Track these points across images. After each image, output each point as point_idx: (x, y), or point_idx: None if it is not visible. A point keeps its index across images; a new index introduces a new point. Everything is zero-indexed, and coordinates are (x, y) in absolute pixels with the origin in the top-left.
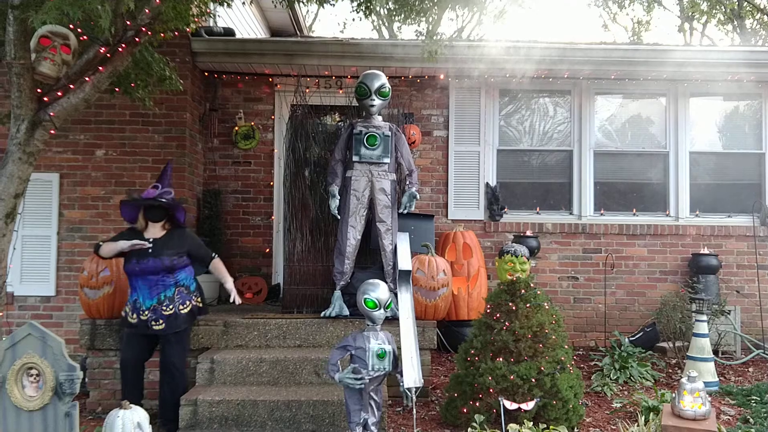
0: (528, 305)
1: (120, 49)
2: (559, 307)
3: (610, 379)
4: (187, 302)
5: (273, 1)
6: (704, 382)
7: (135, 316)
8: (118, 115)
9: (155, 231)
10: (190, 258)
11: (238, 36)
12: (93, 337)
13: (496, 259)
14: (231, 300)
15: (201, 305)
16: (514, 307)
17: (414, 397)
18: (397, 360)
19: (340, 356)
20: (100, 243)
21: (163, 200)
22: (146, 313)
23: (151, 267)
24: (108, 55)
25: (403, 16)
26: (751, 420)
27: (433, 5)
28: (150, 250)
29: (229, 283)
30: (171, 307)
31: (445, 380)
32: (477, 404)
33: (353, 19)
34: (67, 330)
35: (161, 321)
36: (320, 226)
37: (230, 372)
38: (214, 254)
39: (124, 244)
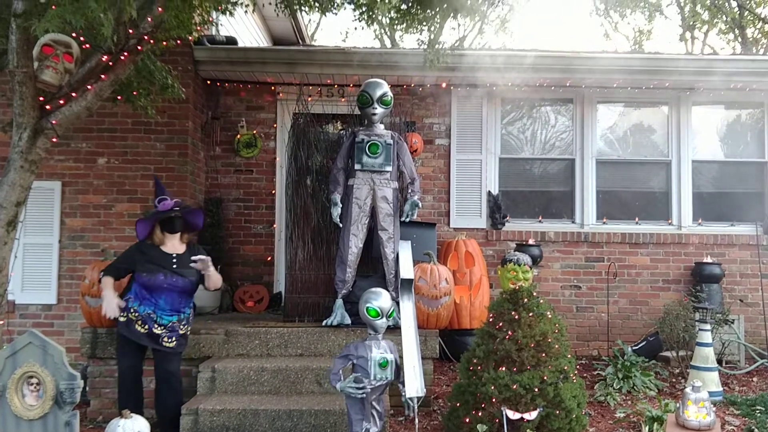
0: (531, 314)
1: (122, 58)
2: (561, 316)
3: (614, 388)
4: (192, 319)
5: (275, 10)
6: (708, 392)
7: (146, 327)
8: (120, 123)
9: (175, 245)
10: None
11: (241, 45)
12: (94, 346)
13: (498, 267)
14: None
15: None
16: (516, 316)
17: (416, 407)
18: (399, 369)
19: (342, 365)
20: (104, 274)
21: (181, 209)
22: (160, 328)
23: (180, 286)
24: (110, 63)
25: (405, 25)
26: (756, 430)
27: (435, 14)
28: (175, 266)
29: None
30: (185, 326)
31: (448, 390)
32: (479, 414)
33: (355, 28)
34: (68, 338)
35: (174, 338)
36: (322, 235)
37: (231, 381)
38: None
39: (111, 312)
